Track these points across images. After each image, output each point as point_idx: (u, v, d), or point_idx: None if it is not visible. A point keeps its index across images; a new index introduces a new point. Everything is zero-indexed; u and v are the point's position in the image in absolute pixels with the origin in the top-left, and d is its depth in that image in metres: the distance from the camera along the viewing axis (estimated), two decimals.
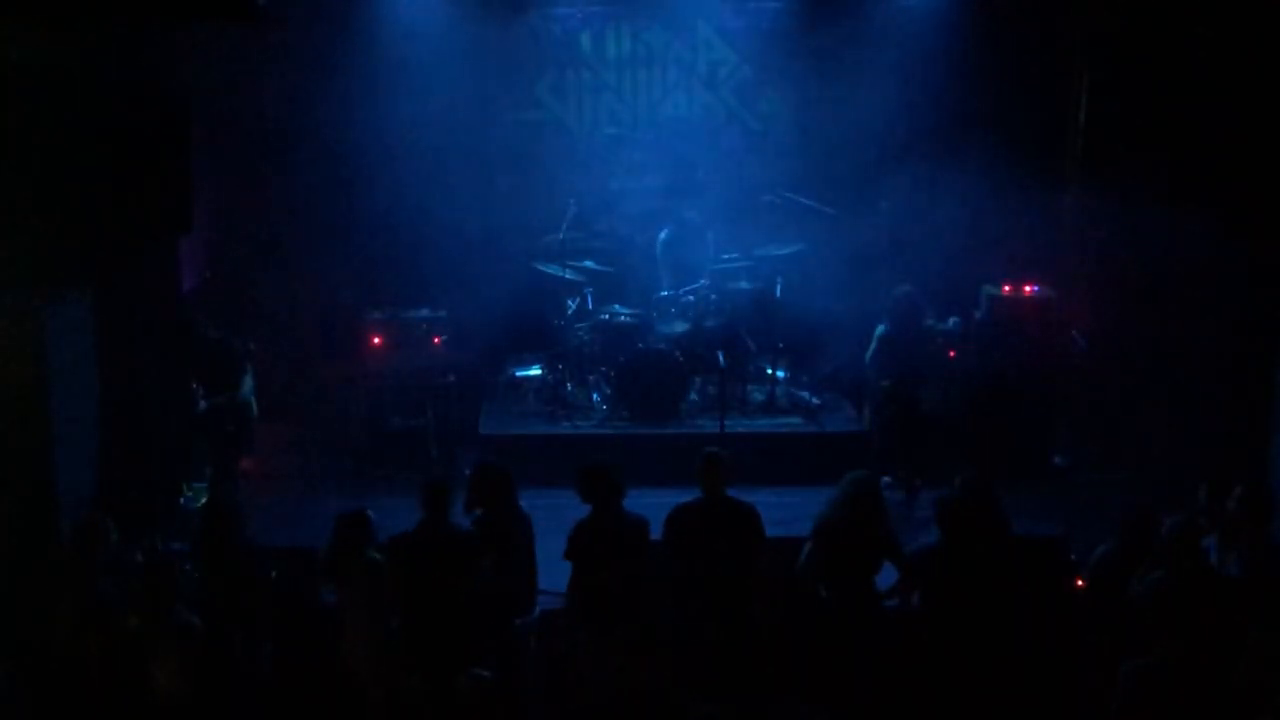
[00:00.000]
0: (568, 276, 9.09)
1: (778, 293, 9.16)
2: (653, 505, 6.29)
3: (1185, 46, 8.42)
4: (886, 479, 8.34)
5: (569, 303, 9.20)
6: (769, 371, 9.26)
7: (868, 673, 5.98)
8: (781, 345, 9.29)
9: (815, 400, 9.23)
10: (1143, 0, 8.67)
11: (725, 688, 5.85)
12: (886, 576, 6.16)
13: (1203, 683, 4.80)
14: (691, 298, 9.07)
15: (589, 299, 9.17)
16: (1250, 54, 8.18)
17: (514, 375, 9.53)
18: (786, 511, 7.11)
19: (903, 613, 6.00)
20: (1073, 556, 6.86)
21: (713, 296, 9.11)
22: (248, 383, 7.79)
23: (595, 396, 9.15)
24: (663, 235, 9.42)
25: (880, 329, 8.27)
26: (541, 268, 9.16)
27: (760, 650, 6.04)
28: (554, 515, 6.27)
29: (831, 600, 6.03)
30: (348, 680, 5.90)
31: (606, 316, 9.07)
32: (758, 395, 9.17)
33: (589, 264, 9.19)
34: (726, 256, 9.37)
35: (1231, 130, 8.33)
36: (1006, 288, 8.79)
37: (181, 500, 7.88)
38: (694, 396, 8.99)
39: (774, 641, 6.08)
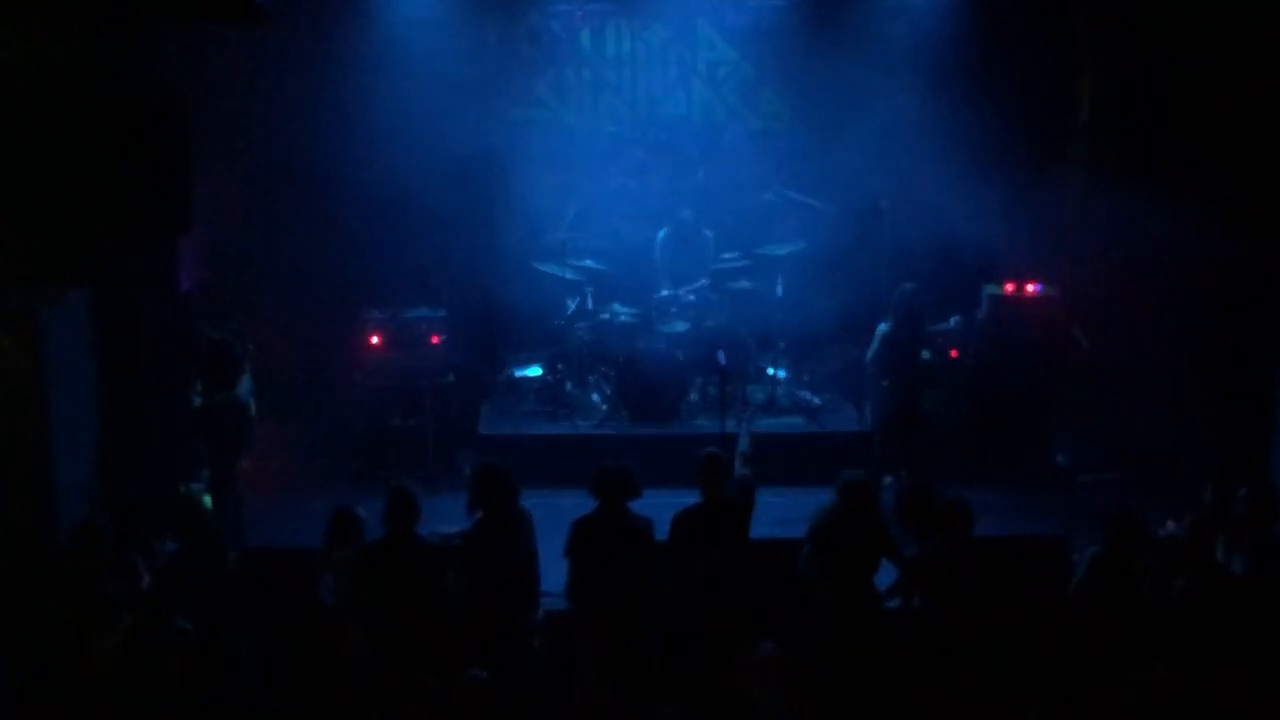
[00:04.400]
0: (568, 276, 9.09)
1: (778, 292, 9.16)
2: (652, 505, 6.29)
3: (1189, 45, 8.41)
4: (888, 479, 8.36)
5: (569, 302, 9.19)
6: (769, 371, 9.25)
7: (870, 673, 5.97)
8: (782, 345, 9.29)
9: (816, 400, 9.24)
10: None
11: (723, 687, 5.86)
12: (885, 576, 6.16)
13: (1214, 687, 4.79)
14: (692, 297, 9.08)
15: (589, 299, 9.17)
16: (1254, 53, 8.17)
17: (514, 375, 9.53)
18: (787, 511, 7.12)
19: (904, 614, 5.99)
20: (1074, 556, 6.86)
21: (713, 296, 9.11)
22: (246, 383, 7.78)
23: (595, 396, 9.15)
24: (661, 235, 9.42)
25: (882, 327, 8.26)
26: (541, 267, 9.16)
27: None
28: (554, 515, 6.27)
29: (831, 601, 6.03)
30: (343, 675, 5.91)
31: (607, 316, 9.07)
32: (758, 395, 9.16)
33: (589, 263, 9.19)
34: (727, 256, 9.38)
35: (1234, 130, 8.32)
36: (1008, 287, 8.80)
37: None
38: (694, 396, 8.99)
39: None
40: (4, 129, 6.91)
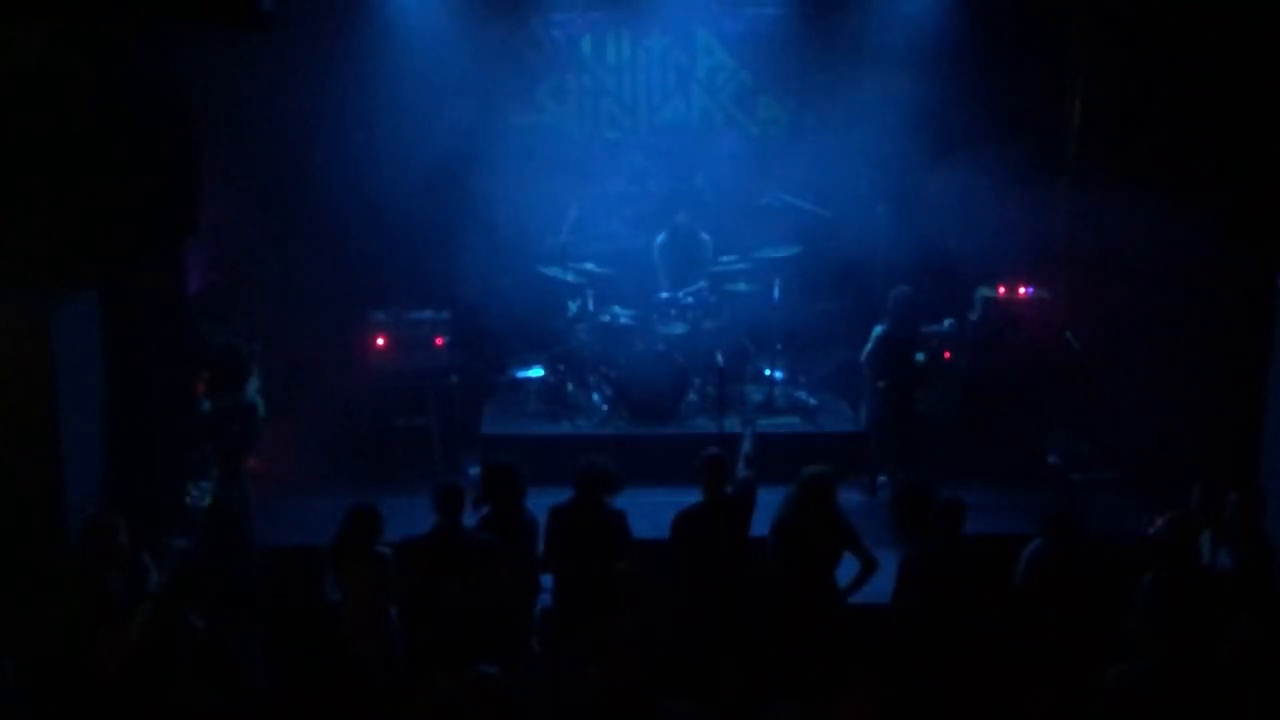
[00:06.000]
0: (569, 279, 9.17)
1: (775, 294, 9.27)
2: (652, 505, 6.40)
3: (1181, 48, 8.49)
4: (882, 478, 8.48)
5: (570, 304, 9.28)
6: (767, 372, 9.36)
7: (831, 667, 6.03)
8: (779, 346, 9.40)
9: (812, 400, 9.34)
10: (1139, 1, 8.78)
11: (716, 687, 5.95)
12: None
13: (1192, 681, 4.88)
14: (690, 300, 9.16)
15: (590, 301, 9.24)
16: (1246, 54, 8.25)
17: (516, 376, 9.61)
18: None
19: (898, 611, 6.05)
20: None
21: (711, 298, 9.20)
22: (253, 384, 7.86)
23: (596, 397, 9.24)
24: (659, 238, 9.52)
25: (878, 329, 8.37)
26: (543, 270, 9.23)
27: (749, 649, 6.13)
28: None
29: (792, 596, 6.11)
30: (351, 674, 5.99)
31: (607, 318, 9.14)
32: (756, 396, 9.27)
33: (589, 266, 9.26)
34: (725, 259, 9.47)
35: (1226, 133, 8.41)
36: (1001, 290, 8.89)
37: (188, 499, 7.96)
38: (693, 397, 9.07)
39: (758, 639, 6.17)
40: (11, 133, 6.99)
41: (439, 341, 8.92)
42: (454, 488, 6.05)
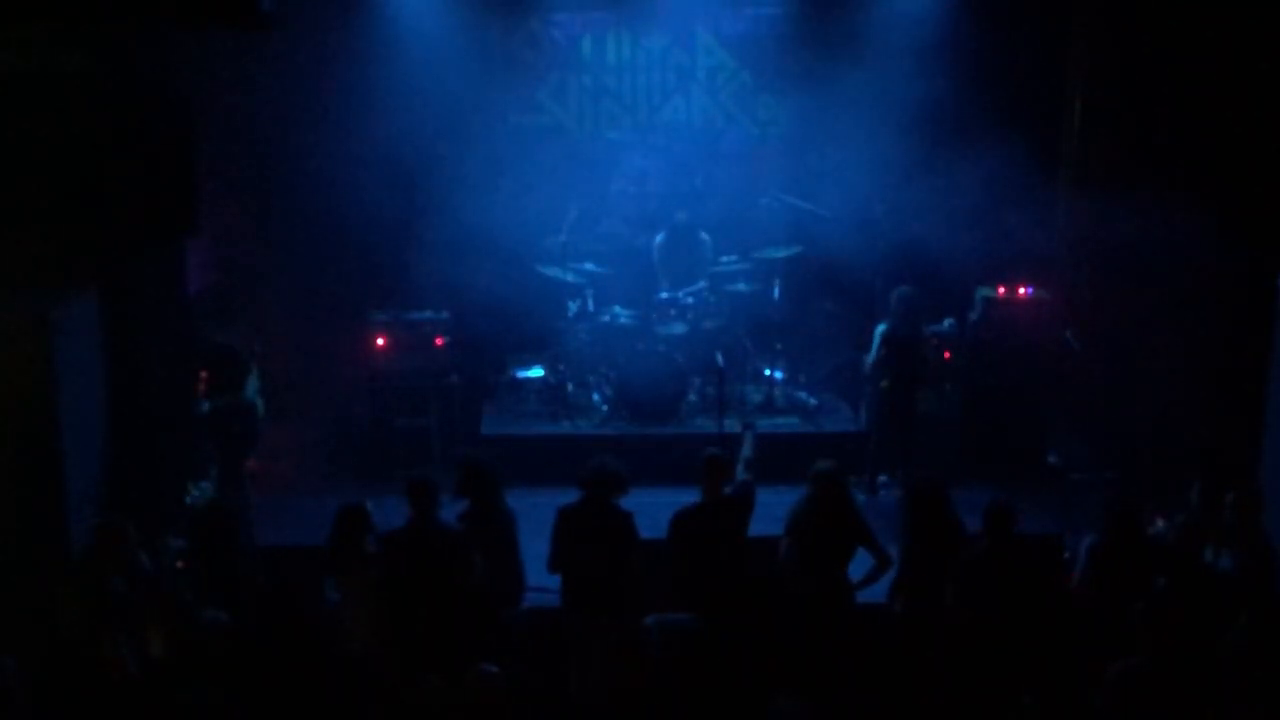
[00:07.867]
0: (569, 279, 9.18)
1: (775, 294, 9.27)
2: (653, 505, 6.40)
3: (1181, 49, 8.50)
4: (883, 478, 8.49)
5: (570, 304, 9.29)
6: (767, 372, 9.36)
7: (846, 664, 6.04)
8: (779, 346, 9.40)
9: (812, 400, 9.34)
10: (1139, 1, 8.78)
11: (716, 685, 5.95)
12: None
13: (1189, 681, 4.89)
14: (690, 300, 9.17)
15: (590, 301, 9.26)
16: (1246, 54, 8.27)
17: (516, 376, 9.61)
18: (784, 511, 7.20)
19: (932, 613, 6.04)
20: (1066, 554, 6.97)
21: (711, 298, 9.21)
22: (253, 384, 7.86)
23: (596, 397, 9.25)
24: (658, 238, 9.53)
25: (881, 328, 8.38)
26: (543, 270, 9.24)
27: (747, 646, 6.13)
28: (554, 514, 6.35)
29: (805, 592, 6.11)
30: (351, 674, 5.99)
31: (607, 318, 9.16)
32: (756, 396, 9.27)
33: (589, 266, 9.28)
34: (725, 259, 9.48)
35: (1226, 133, 8.42)
36: (1001, 290, 8.89)
37: (188, 500, 7.96)
38: (693, 397, 9.08)
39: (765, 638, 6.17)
40: (11, 133, 6.99)
41: (439, 341, 8.92)
42: (425, 481, 6.06)
